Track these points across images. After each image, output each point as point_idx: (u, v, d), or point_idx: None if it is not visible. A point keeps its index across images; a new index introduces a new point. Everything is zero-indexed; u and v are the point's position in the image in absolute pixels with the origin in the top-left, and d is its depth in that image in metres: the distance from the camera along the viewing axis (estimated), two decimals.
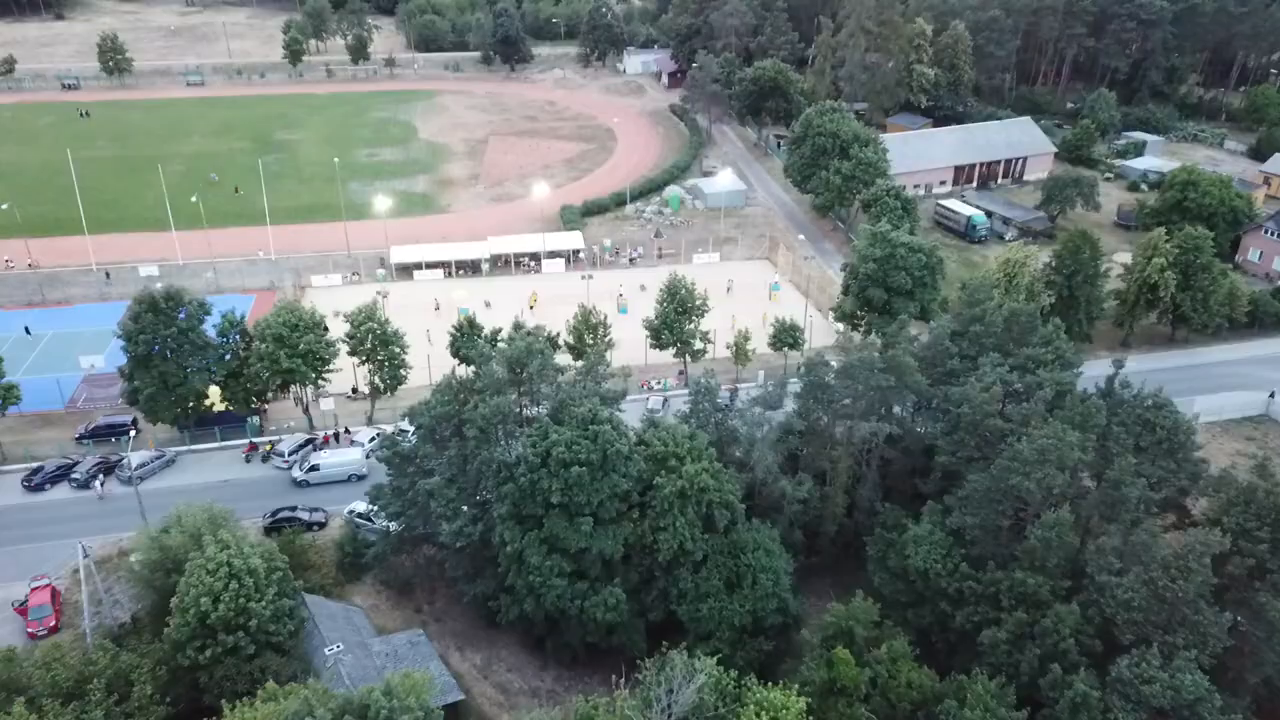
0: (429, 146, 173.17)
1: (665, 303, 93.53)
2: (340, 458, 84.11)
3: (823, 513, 69.32)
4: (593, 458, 60.17)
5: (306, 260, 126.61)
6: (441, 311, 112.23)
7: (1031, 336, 73.03)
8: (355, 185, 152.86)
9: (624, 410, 72.75)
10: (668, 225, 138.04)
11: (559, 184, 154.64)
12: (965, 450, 65.27)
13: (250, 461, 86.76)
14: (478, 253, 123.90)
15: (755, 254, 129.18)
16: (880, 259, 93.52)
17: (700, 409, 68.04)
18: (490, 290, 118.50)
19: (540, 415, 66.96)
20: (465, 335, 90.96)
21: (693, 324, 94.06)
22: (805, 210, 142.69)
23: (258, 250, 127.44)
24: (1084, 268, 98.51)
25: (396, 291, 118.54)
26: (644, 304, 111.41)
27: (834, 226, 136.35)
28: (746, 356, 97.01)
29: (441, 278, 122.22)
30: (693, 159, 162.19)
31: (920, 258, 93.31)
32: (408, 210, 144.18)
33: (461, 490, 65.19)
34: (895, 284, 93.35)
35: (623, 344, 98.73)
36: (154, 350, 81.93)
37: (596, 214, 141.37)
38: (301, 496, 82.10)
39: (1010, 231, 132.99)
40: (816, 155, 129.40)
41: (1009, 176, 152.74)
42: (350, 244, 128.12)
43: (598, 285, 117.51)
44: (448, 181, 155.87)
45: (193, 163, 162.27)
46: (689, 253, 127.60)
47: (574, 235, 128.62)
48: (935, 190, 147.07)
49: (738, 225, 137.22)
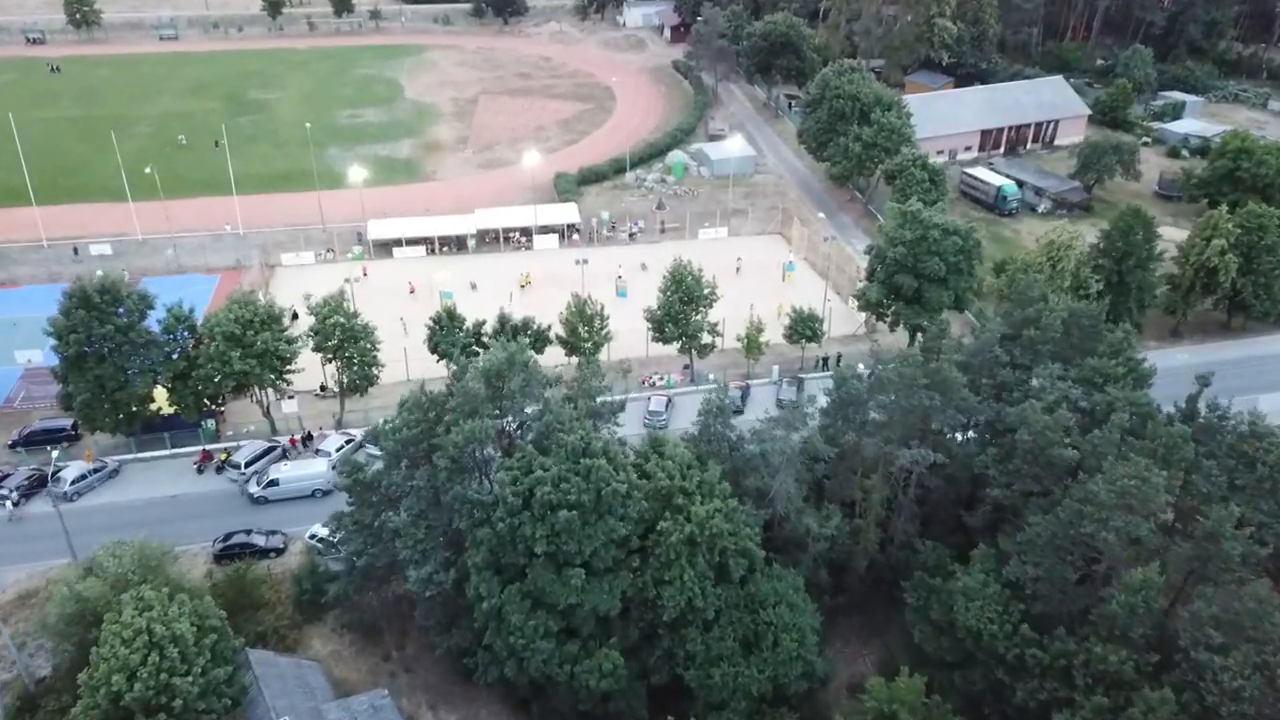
0: (415, 107, 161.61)
1: (669, 291, 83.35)
2: (302, 471, 74.49)
3: (852, 548, 59.83)
4: (584, 499, 50.51)
5: (277, 235, 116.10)
6: (419, 295, 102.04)
7: (1096, 343, 63.03)
8: (334, 150, 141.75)
9: (622, 425, 63.35)
10: (671, 195, 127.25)
11: (553, 148, 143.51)
12: (1023, 483, 55.57)
13: (203, 472, 77.21)
14: (463, 227, 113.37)
15: (767, 228, 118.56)
16: (911, 242, 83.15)
17: (711, 431, 58.13)
18: (476, 270, 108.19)
19: (524, 441, 57.23)
20: (444, 329, 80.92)
21: (700, 315, 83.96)
22: (820, 179, 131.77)
23: (224, 224, 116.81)
24: (1136, 250, 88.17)
25: (374, 271, 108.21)
26: (645, 285, 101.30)
27: (851, 197, 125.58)
28: (759, 349, 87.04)
29: (423, 255, 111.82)
30: (697, 121, 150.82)
31: (955, 241, 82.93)
32: (389, 178, 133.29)
33: (431, 529, 55.63)
34: (927, 270, 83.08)
35: (621, 333, 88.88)
36: (89, 350, 71.94)
37: (593, 183, 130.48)
38: (259, 516, 72.69)
39: (1043, 203, 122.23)
40: (834, 120, 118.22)
41: (1039, 141, 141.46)
42: (325, 217, 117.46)
43: (594, 264, 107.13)
44: (434, 146, 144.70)
45: (161, 125, 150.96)
46: (694, 227, 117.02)
47: (568, 208, 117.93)
48: (960, 157, 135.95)
49: (747, 195, 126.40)
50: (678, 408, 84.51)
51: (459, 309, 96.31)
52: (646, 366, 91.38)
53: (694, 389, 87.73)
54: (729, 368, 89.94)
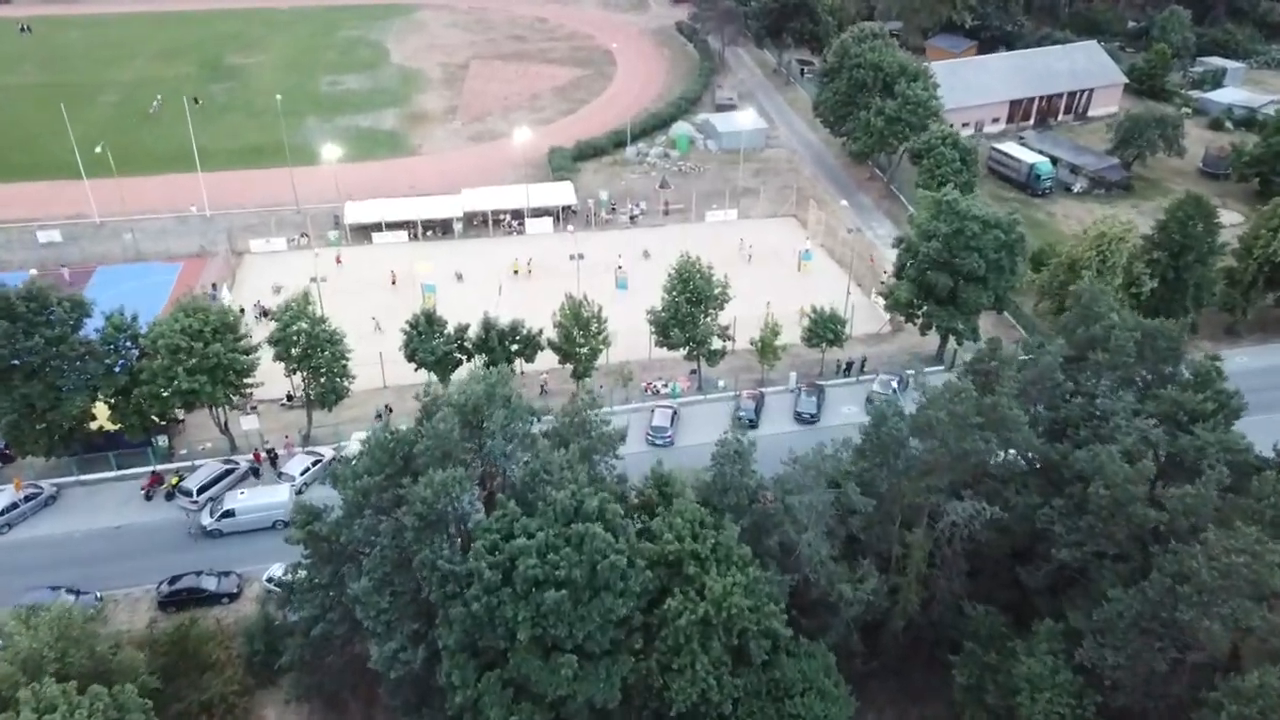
0: (401, 72, 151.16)
1: (674, 291, 74.29)
2: (261, 500, 65.93)
3: (890, 608, 51.41)
4: (576, 575, 41.99)
5: (247, 218, 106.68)
6: (400, 287, 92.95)
7: (1174, 365, 54.14)
8: (313, 122, 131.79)
9: (621, 458, 54.77)
10: (675, 172, 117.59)
11: (548, 119, 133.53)
12: (1095, 542, 46.97)
13: (152, 499, 68.64)
14: (449, 210, 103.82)
15: (780, 210, 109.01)
16: (946, 237, 73.95)
17: (728, 479, 49.32)
18: (463, 257, 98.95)
19: (507, 492, 48.59)
20: (423, 334, 71.96)
21: (710, 318, 74.97)
22: (837, 153, 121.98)
23: (190, 204, 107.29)
24: (1196, 244, 78.98)
25: (352, 258, 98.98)
26: (647, 275, 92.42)
27: (871, 175, 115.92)
28: (775, 354, 78.14)
29: (406, 240, 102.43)
30: (703, 89, 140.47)
31: (997, 235, 73.69)
32: (371, 152, 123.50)
33: (398, 595, 47.13)
34: (965, 268, 73.99)
35: (621, 333, 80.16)
36: (15, 365, 63.10)
37: (591, 158, 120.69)
38: (213, 551, 64.32)
39: (1078, 182, 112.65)
40: (854, 91, 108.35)
41: (1071, 112, 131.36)
42: (300, 197, 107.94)
43: (592, 251, 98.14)
44: (420, 116, 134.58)
45: (130, 93, 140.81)
46: (700, 208, 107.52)
47: (564, 187, 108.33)
48: (987, 129, 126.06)
49: (757, 172, 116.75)
50: (684, 420, 75.88)
51: (442, 303, 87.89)
52: (649, 370, 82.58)
53: (702, 398, 79.10)
54: (741, 372, 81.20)
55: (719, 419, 76.26)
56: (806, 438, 74.49)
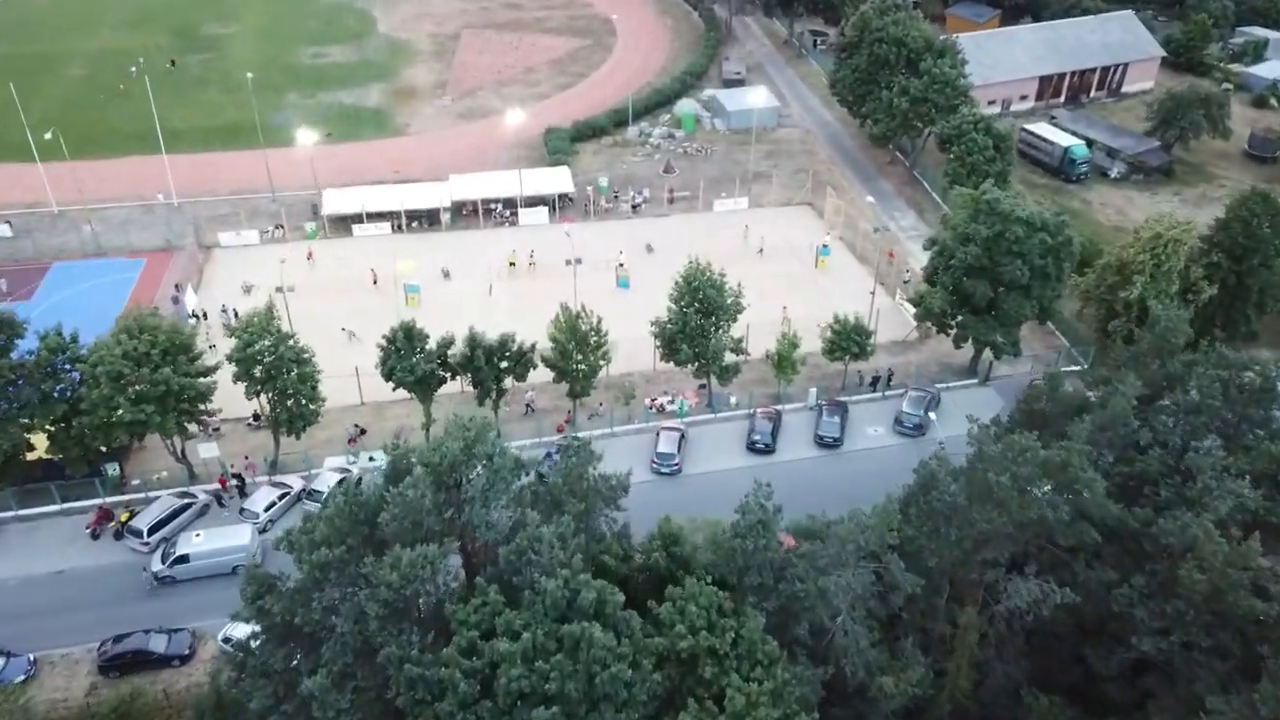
0: (388, 43, 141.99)
1: (682, 300, 66.57)
2: (219, 543, 58.60)
3: (936, 694, 44.30)
4: (571, 689, 34.74)
5: (218, 206, 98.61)
6: (381, 287, 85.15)
7: (1266, 408, 46.63)
8: (293, 98, 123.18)
9: (624, 509, 47.55)
10: (680, 154, 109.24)
11: (543, 93, 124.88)
12: (1185, 631, 39.71)
13: (99, 537, 61.41)
14: (436, 198, 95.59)
15: (794, 198, 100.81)
16: (986, 240, 66.14)
17: (750, 555, 41.81)
18: (450, 252, 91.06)
19: (492, 557, 41.31)
20: (401, 351, 64.25)
21: (721, 330, 67.34)
22: (854, 133, 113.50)
23: (156, 191, 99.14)
24: (1262, 245, 71.15)
25: (331, 252, 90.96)
26: (651, 272, 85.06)
27: (892, 159, 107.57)
28: (793, 368, 70.58)
29: (389, 232, 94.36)
30: (709, 62, 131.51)
31: (1043, 239, 65.88)
32: (354, 132, 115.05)
33: (361, 694, 39.92)
34: (1006, 276, 66.28)
35: (622, 340, 72.79)
36: None
37: (590, 138, 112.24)
38: (165, 601, 57.25)
39: (1115, 167, 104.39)
40: (875, 69, 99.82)
41: (1104, 88, 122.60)
42: (276, 182, 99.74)
43: (591, 244, 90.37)
44: (407, 92, 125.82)
45: (96, 65, 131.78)
46: (708, 195, 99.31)
47: (560, 173, 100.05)
48: (1014, 108, 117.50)
49: (769, 154, 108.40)
50: (693, 444, 68.49)
51: (427, 305, 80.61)
52: (654, 384, 75.10)
53: (712, 417, 71.64)
54: (754, 385, 73.69)
55: (731, 441, 69.04)
56: (829, 465, 67.52)
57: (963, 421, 71.16)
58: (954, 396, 73.11)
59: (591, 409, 71.43)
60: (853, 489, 64.37)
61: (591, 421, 71.03)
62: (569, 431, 69.67)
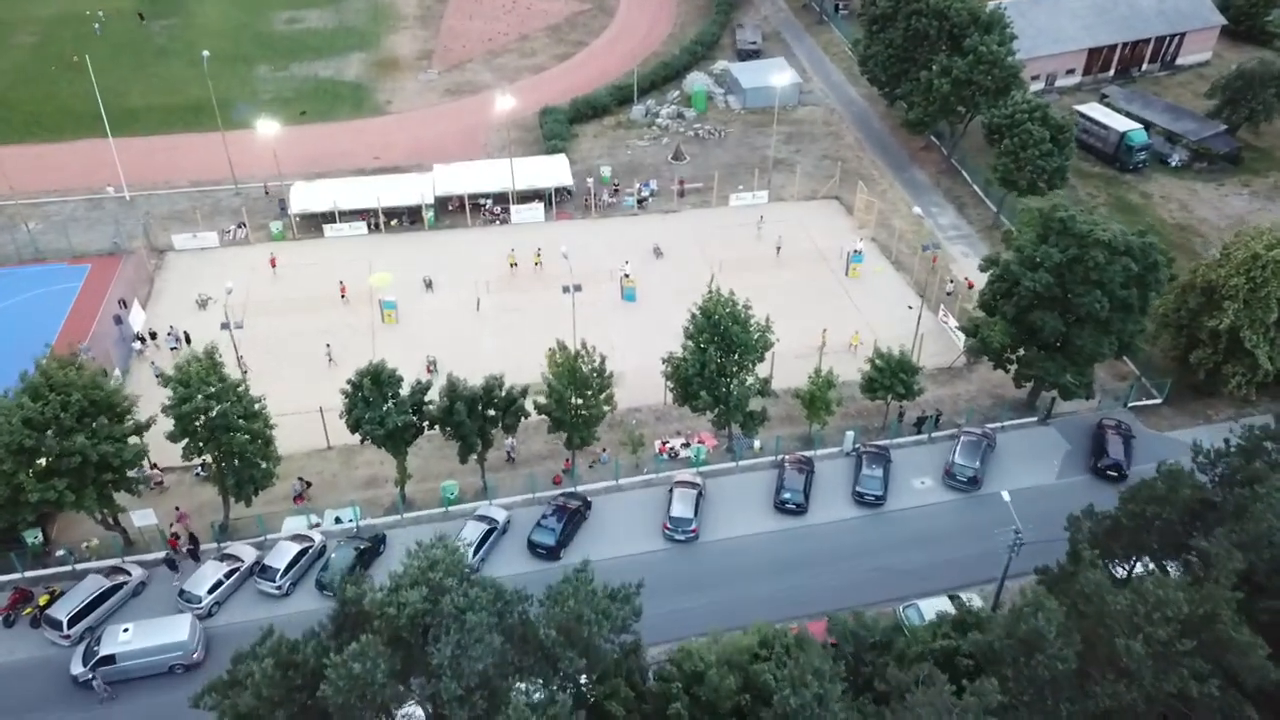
0: (371, 7, 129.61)
1: (699, 337, 56.52)
2: (151, 640, 49.16)
3: None
4: None
5: (175, 201, 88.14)
6: (352, 302, 75.04)
7: None
8: (265, 70, 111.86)
9: (637, 633, 38.45)
10: (690, 138, 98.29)
11: (539, 65, 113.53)
12: None
13: (14, 624, 52.09)
14: (418, 193, 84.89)
15: (819, 190, 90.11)
16: (1059, 267, 55.96)
17: None
18: (434, 256, 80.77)
19: None
20: (368, 399, 54.32)
21: (746, 371, 57.44)
22: (882, 111, 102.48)
23: (106, 183, 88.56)
24: None
25: (295, 259, 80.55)
26: (660, 280, 75.77)
27: (927, 143, 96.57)
28: (827, 409, 60.75)
29: (365, 232, 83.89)
30: (722, 29, 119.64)
31: (1126, 266, 55.68)
32: (330, 111, 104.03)
33: None
34: (1083, 308, 56.22)
35: (628, 368, 63.40)
36: None
37: (590, 119, 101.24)
38: (87, 716, 48.03)
39: (1177, 154, 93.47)
40: (911, 45, 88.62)
41: (1157, 61, 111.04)
42: (238, 172, 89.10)
43: (592, 245, 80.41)
44: (389, 63, 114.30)
45: (51, 31, 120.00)
46: (723, 187, 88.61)
47: (557, 163, 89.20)
48: (1060, 83, 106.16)
49: (789, 138, 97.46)
50: (712, 501, 58.85)
51: (406, 323, 71.02)
52: (665, 421, 65.41)
53: (733, 465, 61.96)
54: (780, 423, 63.91)
55: (756, 497, 59.55)
56: (871, 527, 58.29)
57: (1022, 468, 62.13)
58: (1010, 439, 63.49)
59: (593, 453, 61.84)
60: (900, 557, 55.52)
61: (593, 470, 61.50)
62: (567, 483, 60.29)
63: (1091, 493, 59.05)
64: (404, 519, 58.17)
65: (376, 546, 55.69)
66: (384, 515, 58.54)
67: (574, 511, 56.77)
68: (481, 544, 54.66)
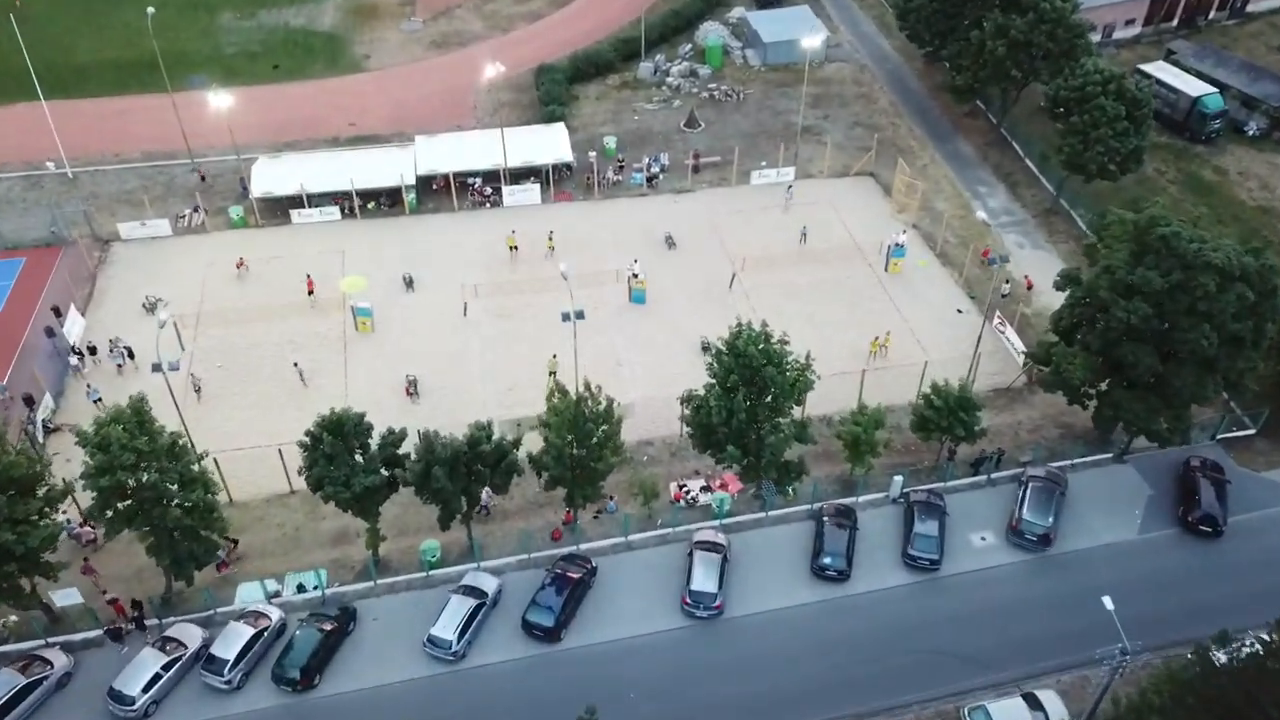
0: None
1: (727, 377, 47.12)
2: None
3: None
4: None
5: (123, 178, 78.00)
6: (321, 306, 65.50)
7: None
8: (228, 20, 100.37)
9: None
10: (705, 101, 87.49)
11: (536, 12, 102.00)
12: None
13: None
14: (397, 170, 74.51)
15: (851, 164, 79.75)
16: (1159, 295, 46.44)
17: None
18: (416, 247, 71.02)
19: None
20: (331, 457, 45.25)
21: (783, 417, 48.27)
22: (920, 69, 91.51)
23: (46, 157, 78.26)
24: None
25: (258, 249, 70.68)
26: (672, 277, 67.03)
27: (971, 109, 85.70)
28: (873, 451, 51.80)
29: (338, 218, 73.87)
30: None
31: (1241, 294, 46.15)
32: (302, 68, 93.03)
33: None
34: (1187, 344, 46.86)
35: (637, 399, 54.72)
36: None
37: (593, 78, 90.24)
38: None
39: (1254, 121, 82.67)
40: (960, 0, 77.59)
41: (1225, 8, 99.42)
42: (195, 143, 78.64)
43: (596, 232, 71.17)
44: (368, 10, 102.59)
45: None
46: (743, 162, 78.25)
47: (556, 134, 78.57)
48: (1118, 34, 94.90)
49: (816, 101, 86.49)
50: (739, 564, 50.07)
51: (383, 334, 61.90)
52: (680, 458, 56.44)
53: (762, 516, 53.16)
54: (815, 458, 54.79)
55: (789, 558, 50.80)
56: (925, 597, 49.67)
57: (1098, 519, 52.86)
58: (1082, 480, 54.43)
59: (599, 499, 52.96)
60: (960, 637, 47.02)
61: (599, 522, 52.78)
62: (568, 539, 51.64)
63: (1182, 552, 50.94)
64: (377, 586, 49.56)
65: (345, 624, 47.17)
66: (354, 581, 49.95)
67: (577, 582, 48.06)
68: (467, 625, 46.14)
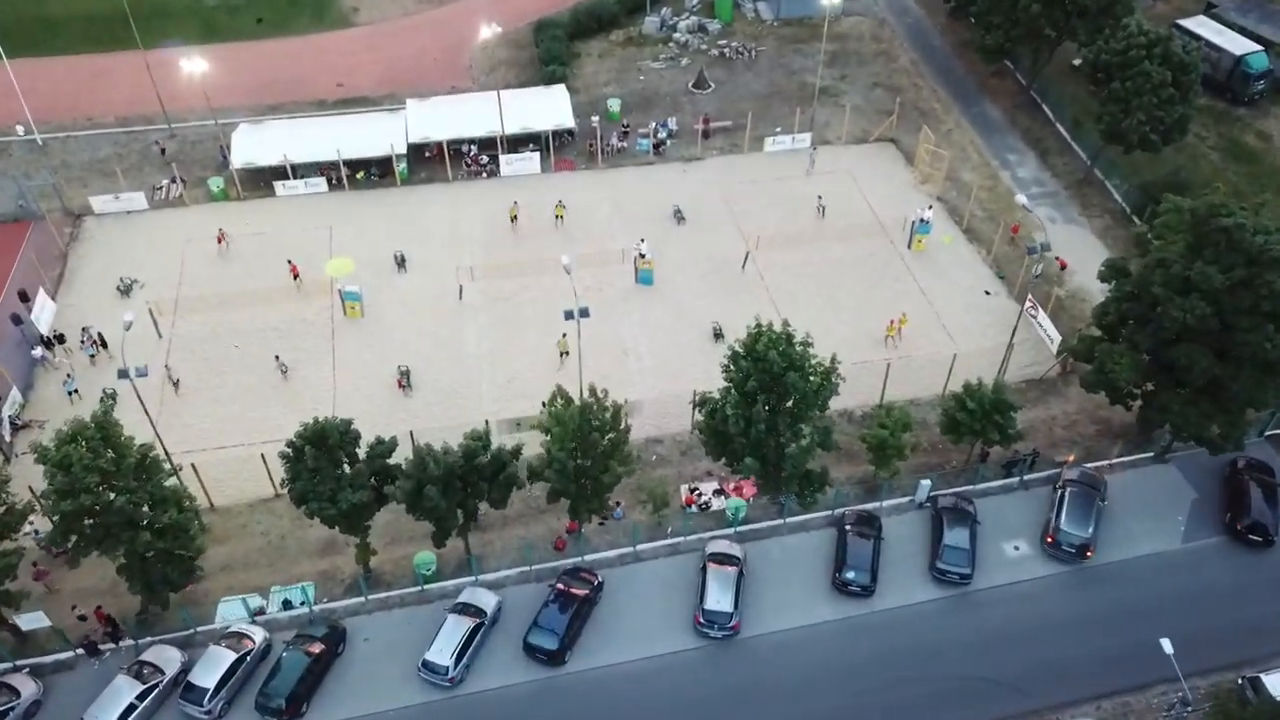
0: None
1: (745, 382, 43.06)
2: None
3: None
4: None
5: (96, 144, 73.31)
6: (306, 291, 61.35)
7: None
8: None
9: None
10: (714, 59, 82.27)
11: None
12: None
13: None
14: (388, 138, 69.72)
15: (871, 130, 74.94)
16: (1218, 293, 42.35)
17: None
18: (408, 223, 66.71)
19: None
20: (315, 471, 41.62)
21: (808, 424, 44.42)
22: (943, 25, 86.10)
23: (14, 122, 73.47)
24: None
25: (240, 224, 66.36)
26: (681, 253, 63.11)
27: (998, 69, 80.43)
28: (900, 455, 48.16)
29: (325, 190, 69.36)
30: None
31: None
32: (287, 23, 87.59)
33: None
34: (1248, 348, 42.89)
35: (645, 394, 51.08)
36: None
37: (595, 34, 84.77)
38: None
39: None
40: None
41: None
42: (171, 108, 73.85)
43: (597, 206, 66.81)
44: None
45: None
46: (756, 127, 73.49)
47: (557, 97, 73.61)
48: None
49: (833, 60, 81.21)
50: (756, 578, 46.75)
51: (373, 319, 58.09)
52: (691, 458, 52.77)
53: (780, 523, 49.66)
54: (836, 459, 51.12)
55: (809, 570, 47.55)
56: (956, 614, 46.53)
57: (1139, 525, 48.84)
58: (1121, 483, 50.91)
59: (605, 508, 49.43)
60: (995, 660, 43.83)
61: (605, 530, 49.33)
62: (572, 549, 48.26)
63: (1229, 563, 47.59)
64: (369, 602, 46.30)
65: (334, 646, 43.93)
66: (344, 596, 46.68)
67: (582, 600, 44.77)
68: (465, 647, 42.87)
